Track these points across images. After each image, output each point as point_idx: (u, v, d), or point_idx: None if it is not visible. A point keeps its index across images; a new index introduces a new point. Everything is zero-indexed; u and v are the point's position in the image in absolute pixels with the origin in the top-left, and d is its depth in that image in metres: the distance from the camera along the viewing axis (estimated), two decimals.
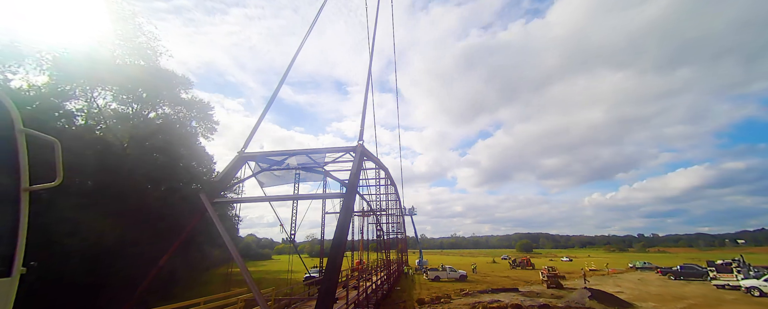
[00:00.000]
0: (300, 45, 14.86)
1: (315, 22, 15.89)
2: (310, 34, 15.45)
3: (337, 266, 7.02)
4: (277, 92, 13.37)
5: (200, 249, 26.54)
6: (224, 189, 11.47)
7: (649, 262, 52.29)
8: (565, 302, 21.84)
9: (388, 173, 26.57)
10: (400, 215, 45.92)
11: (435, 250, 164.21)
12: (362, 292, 16.30)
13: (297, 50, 14.76)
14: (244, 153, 10.83)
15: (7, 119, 2.13)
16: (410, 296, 25.41)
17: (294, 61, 14.23)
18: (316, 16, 16.06)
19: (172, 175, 23.72)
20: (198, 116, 29.10)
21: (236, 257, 8.04)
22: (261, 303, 7.23)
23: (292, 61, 14.19)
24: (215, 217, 8.53)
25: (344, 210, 8.53)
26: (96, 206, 17.69)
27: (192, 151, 27.00)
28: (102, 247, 16.85)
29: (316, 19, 16.07)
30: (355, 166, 9.30)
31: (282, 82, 13.68)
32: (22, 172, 2.15)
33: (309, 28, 15.47)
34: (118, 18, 22.54)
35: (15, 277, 2.01)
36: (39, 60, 19.21)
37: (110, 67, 22.08)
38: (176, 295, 20.73)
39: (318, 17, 16.12)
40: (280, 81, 13.67)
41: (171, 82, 26.77)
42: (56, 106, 18.98)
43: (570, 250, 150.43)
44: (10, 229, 2.04)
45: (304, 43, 15.04)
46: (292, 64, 14.06)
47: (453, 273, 37.40)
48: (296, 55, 14.49)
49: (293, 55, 14.45)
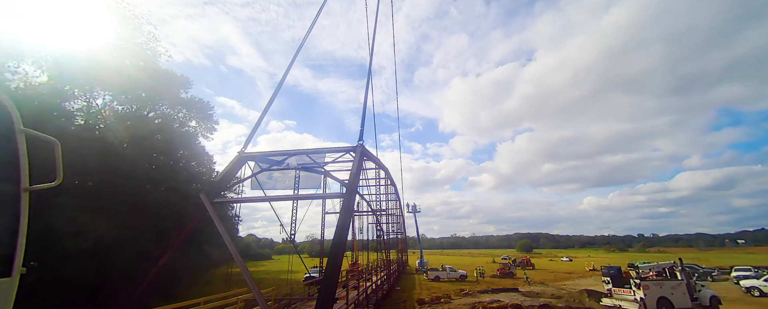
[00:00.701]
0: (300, 46, 14.87)
1: (316, 20, 15.90)
2: (309, 34, 15.45)
3: (337, 266, 7.03)
4: (276, 93, 13.37)
5: (200, 249, 26.50)
6: (224, 189, 11.47)
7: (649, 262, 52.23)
8: (565, 302, 21.87)
9: (388, 173, 26.57)
10: (400, 215, 45.91)
11: (435, 250, 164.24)
12: (362, 292, 16.30)
13: (297, 51, 14.76)
14: (244, 153, 10.84)
15: (7, 119, 2.13)
16: (410, 296, 25.41)
17: (294, 63, 14.23)
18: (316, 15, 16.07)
19: (172, 175, 23.70)
20: (198, 116, 29.08)
21: (236, 257, 8.04)
22: (261, 303, 7.23)
23: (292, 61, 14.19)
24: (215, 217, 8.54)
25: (344, 210, 8.53)
26: (96, 206, 17.68)
27: (192, 151, 26.98)
28: (102, 247, 16.84)
29: (317, 19, 16.07)
30: (355, 166, 9.30)
31: (281, 83, 13.68)
32: (22, 172, 2.15)
33: (309, 28, 15.49)
34: (118, 18, 22.54)
35: (15, 277, 2.00)
36: (38, 60, 19.22)
37: (110, 68, 22.07)
38: (176, 295, 20.72)
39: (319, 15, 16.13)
40: (280, 82, 13.67)
41: (170, 82, 26.76)
42: (56, 106, 18.97)
43: (570, 250, 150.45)
44: (10, 229, 2.04)
45: (304, 43, 15.04)
46: (292, 65, 14.06)
47: (453, 273, 37.63)
48: (296, 55, 14.49)
49: (293, 55, 14.46)
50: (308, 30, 15.49)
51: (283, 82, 13.67)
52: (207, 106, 29.65)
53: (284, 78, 13.72)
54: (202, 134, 29.12)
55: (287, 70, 13.86)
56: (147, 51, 24.62)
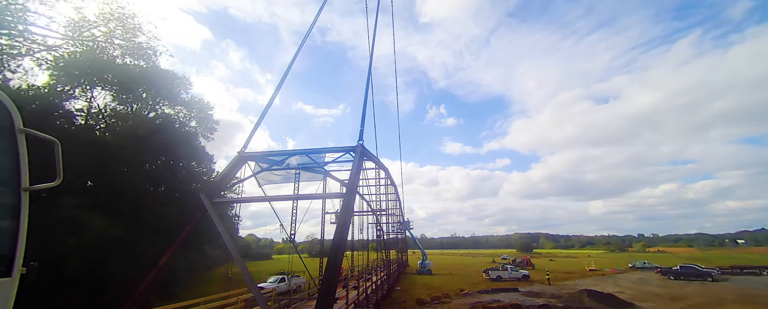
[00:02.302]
0: (300, 46, 14.87)
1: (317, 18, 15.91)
2: (309, 35, 15.46)
3: (337, 266, 7.03)
4: (276, 92, 13.37)
5: (200, 249, 26.50)
6: (224, 189, 11.47)
7: (649, 262, 52.33)
8: (564, 302, 21.86)
9: (388, 173, 26.56)
10: (400, 215, 45.88)
11: (435, 250, 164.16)
12: (362, 292, 16.30)
13: (296, 52, 14.76)
14: (244, 153, 10.84)
15: (7, 119, 2.13)
16: (410, 296, 25.40)
17: (293, 63, 14.23)
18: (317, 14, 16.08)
19: (171, 175, 23.72)
20: (198, 116, 29.09)
21: (236, 257, 8.05)
22: (261, 303, 7.23)
23: (292, 61, 14.19)
24: (215, 217, 8.54)
25: (344, 210, 8.53)
26: (96, 206, 17.68)
27: (192, 151, 26.96)
28: (102, 247, 16.83)
29: (318, 17, 16.07)
30: (355, 166, 9.30)
31: (282, 81, 13.67)
32: (22, 172, 2.15)
33: (310, 25, 15.49)
34: (118, 18, 22.56)
35: (15, 277, 2.01)
36: (39, 60, 19.24)
37: (110, 67, 22.09)
38: (176, 295, 20.73)
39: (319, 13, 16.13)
40: (280, 82, 13.66)
41: (171, 82, 26.78)
42: (56, 106, 18.98)
43: (570, 250, 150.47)
44: (10, 229, 2.04)
45: (304, 44, 15.04)
46: (291, 65, 14.05)
47: (515, 273, 38.15)
48: (296, 56, 14.49)
49: (293, 56, 14.46)
50: (310, 27, 15.52)
51: (283, 83, 13.68)
52: (207, 106, 29.69)
53: (284, 78, 13.73)
54: (202, 134, 29.13)
55: (288, 68, 13.88)
56: (148, 50, 24.64)
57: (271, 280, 25.32)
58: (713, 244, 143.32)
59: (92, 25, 21.81)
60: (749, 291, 25.79)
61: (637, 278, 37.83)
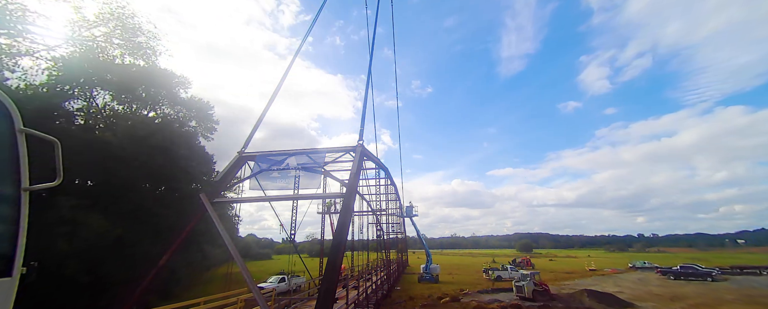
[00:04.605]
0: (300, 45, 14.87)
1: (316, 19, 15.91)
2: (308, 36, 15.46)
3: (337, 266, 7.03)
4: (276, 92, 13.36)
5: (200, 249, 26.50)
6: (224, 189, 11.47)
7: (649, 262, 52.35)
8: (564, 303, 21.87)
9: (388, 173, 26.54)
10: (400, 215, 45.85)
11: (434, 250, 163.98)
12: (362, 292, 16.30)
13: (295, 53, 14.76)
14: (244, 153, 10.84)
15: (7, 119, 2.13)
16: (410, 296, 25.41)
17: (293, 64, 14.22)
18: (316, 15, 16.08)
19: (171, 175, 23.67)
20: (198, 116, 29.07)
21: (236, 257, 8.04)
22: (261, 303, 7.23)
23: (293, 59, 14.19)
24: (215, 217, 8.54)
25: (344, 210, 8.53)
26: (96, 206, 17.68)
27: (192, 151, 26.92)
28: (102, 247, 16.83)
29: (317, 18, 16.07)
30: (355, 166, 9.31)
31: (282, 82, 13.67)
32: (22, 172, 2.15)
33: (309, 27, 15.49)
34: (118, 17, 22.53)
35: (15, 277, 2.00)
36: (38, 59, 19.22)
37: (110, 67, 22.08)
38: (176, 295, 20.74)
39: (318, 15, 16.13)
40: (280, 81, 13.66)
41: (170, 82, 26.76)
42: (56, 106, 18.97)
43: (570, 250, 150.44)
44: (10, 229, 2.03)
45: (301, 48, 15.03)
46: (292, 64, 14.05)
47: (515, 273, 36.63)
48: (296, 54, 14.48)
49: (293, 55, 14.46)
50: (309, 29, 15.52)
51: (283, 82, 13.68)
52: (207, 106, 29.66)
53: (284, 77, 13.72)
54: (202, 134, 29.11)
55: (287, 69, 13.87)
56: (147, 50, 24.61)
57: (271, 279, 25.42)
58: (713, 244, 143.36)
59: (92, 24, 21.79)
60: (749, 291, 25.78)
61: (636, 278, 37.84)
